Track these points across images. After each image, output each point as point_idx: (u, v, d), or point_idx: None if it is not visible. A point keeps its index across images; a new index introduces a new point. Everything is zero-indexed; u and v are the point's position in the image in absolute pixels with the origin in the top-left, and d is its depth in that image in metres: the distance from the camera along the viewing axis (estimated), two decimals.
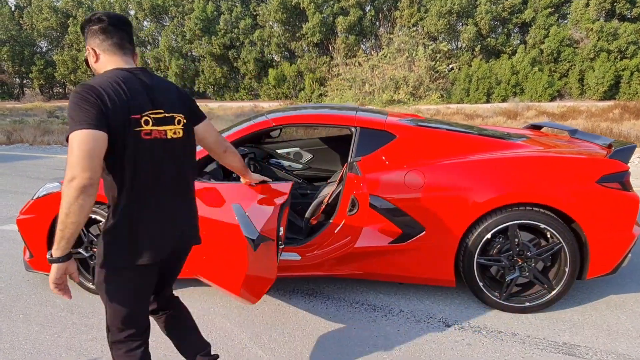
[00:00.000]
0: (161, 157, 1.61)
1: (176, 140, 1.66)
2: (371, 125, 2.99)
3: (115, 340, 1.70)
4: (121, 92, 1.52)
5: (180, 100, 1.73)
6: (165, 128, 1.62)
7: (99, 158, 1.42)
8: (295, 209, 3.65)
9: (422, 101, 25.48)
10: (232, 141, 3.01)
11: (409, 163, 2.81)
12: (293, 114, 3.11)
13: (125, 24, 1.69)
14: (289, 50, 32.64)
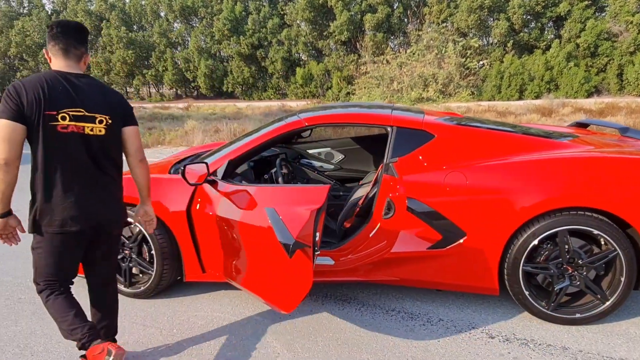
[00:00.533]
0: (76, 149, 1.96)
1: (95, 137, 2.01)
2: (408, 124, 2.85)
3: (39, 291, 2.10)
4: (40, 91, 1.87)
5: (110, 104, 2.05)
6: (83, 124, 1.96)
7: (15, 143, 1.83)
8: (328, 211, 3.55)
9: (452, 99, 24.98)
10: (263, 142, 2.92)
11: (449, 164, 2.67)
12: (326, 114, 3.01)
13: (75, 31, 2.01)
14: (316, 49, 32.58)
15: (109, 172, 2.12)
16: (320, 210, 2.13)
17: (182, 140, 10.45)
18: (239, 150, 2.92)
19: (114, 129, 2.06)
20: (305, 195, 2.26)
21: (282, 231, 1.95)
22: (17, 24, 38.54)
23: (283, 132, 2.95)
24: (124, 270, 3.04)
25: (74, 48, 2.00)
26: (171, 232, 2.88)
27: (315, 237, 2.05)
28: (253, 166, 3.24)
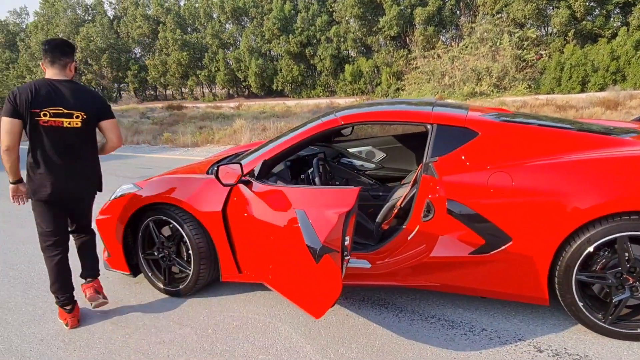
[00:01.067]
0: (56, 137, 2.53)
1: (72, 129, 2.58)
2: (450, 121, 2.70)
3: (42, 248, 2.72)
4: (29, 94, 2.46)
5: (86, 103, 2.62)
6: (62, 119, 2.53)
7: (15, 134, 2.44)
8: (367, 211, 3.44)
9: (507, 92, 23.97)
10: (298, 142, 2.87)
11: (494, 163, 2.49)
12: (363, 112, 2.90)
13: (59, 46, 2.61)
14: (365, 45, 32.31)
15: (84, 155, 2.69)
16: (350, 213, 2.04)
17: (230, 139, 10.65)
18: (274, 150, 2.88)
19: (89, 122, 2.65)
20: (335, 198, 2.18)
21: (310, 235, 1.88)
22: (82, 30, 40.90)
23: (319, 131, 2.87)
24: (164, 269, 3.09)
25: (58, 59, 2.59)
26: (208, 232, 2.89)
27: (345, 241, 1.96)
28: (290, 166, 3.20)
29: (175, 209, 2.93)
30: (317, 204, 2.17)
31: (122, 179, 6.95)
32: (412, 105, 3.08)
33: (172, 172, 3.39)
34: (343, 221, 1.94)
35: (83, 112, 2.60)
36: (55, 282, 2.70)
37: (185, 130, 12.60)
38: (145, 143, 11.54)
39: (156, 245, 3.08)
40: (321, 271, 1.93)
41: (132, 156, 9.56)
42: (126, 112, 26.01)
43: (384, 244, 2.77)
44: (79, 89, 2.65)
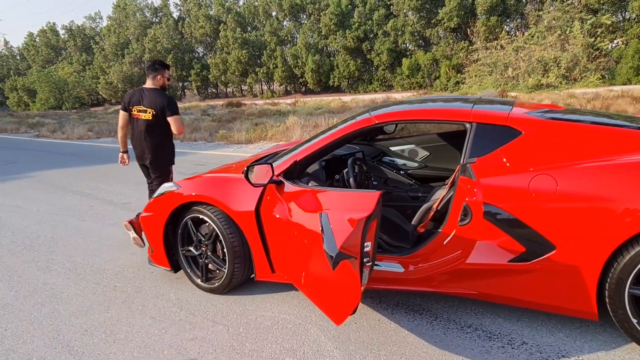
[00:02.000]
0: (137, 124, 3.93)
1: (146, 120, 3.88)
2: (490, 120, 2.53)
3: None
4: (129, 96, 3.96)
5: (157, 103, 3.85)
6: (141, 114, 3.88)
7: (123, 120, 4.02)
8: (405, 212, 3.33)
9: (578, 84, 22.47)
10: (331, 142, 2.82)
11: (537, 165, 2.31)
12: (398, 110, 2.80)
13: (152, 65, 3.99)
14: (423, 38, 31.53)
15: (155, 137, 3.94)
16: (370, 218, 1.96)
17: (282, 135, 10.77)
18: (306, 151, 2.84)
19: (157, 116, 3.87)
20: (356, 202, 2.11)
21: (329, 239, 1.83)
22: (149, 32, 43.03)
23: (352, 130, 2.81)
24: (201, 266, 3.16)
25: (149, 74, 3.97)
26: (242, 232, 2.91)
27: (365, 247, 1.89)
28: (325, 166, 3.15)
29: (211, 207, 2.98)
30: (338, 208, 2.11)
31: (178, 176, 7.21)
32: (449, 102, 2.94)
33: (211, 172, 3.46)
34: (362, 227, 1.87)
35: (153, 109, 3.85)
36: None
37: (241, 127, 12.90)
38: (202, 140, 11.94)
39: (194, 243, 3.16)
40: (340, 277, 1.88)
41: (188, 153, 9.92)
42: (188, 110, 27.05)
43: (419, 247, 2.67)
44: (156, 93, 3.90)
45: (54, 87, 43.14)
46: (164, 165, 4.07)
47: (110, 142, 13.21)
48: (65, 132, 15.55)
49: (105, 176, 7.81)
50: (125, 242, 4.32)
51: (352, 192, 2.19)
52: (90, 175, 7.97)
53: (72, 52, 51.74)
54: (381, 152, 4.03)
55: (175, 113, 3.88)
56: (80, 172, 8.42)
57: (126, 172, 7.95)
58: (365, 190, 2.15)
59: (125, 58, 44.44)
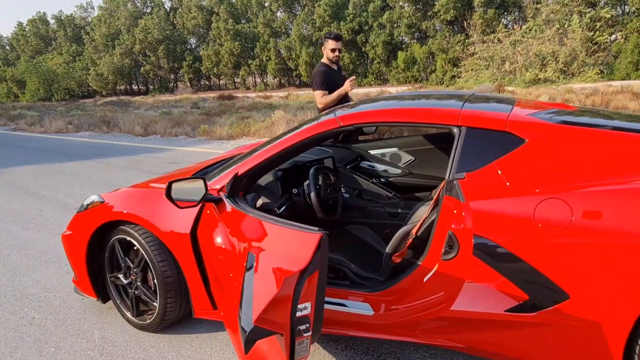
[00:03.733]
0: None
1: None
2: (484, 123, 1.97)
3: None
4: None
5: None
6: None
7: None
8: (382, 232, 2.78)
9: (576, 79, 21.94)
10: (287, 148, 2.25)
11: (546, 185, 1.75)
12: (368, 110, 2.22)
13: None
14: (419, 30, 30.87)
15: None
16: (307, 271, 1.40)
17: (267, 131, 10.18)
18: (254, 160, 2.27)
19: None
20: (293, 243, 1.55)
21: (246, 303, 1.28)
22: (140, 22, 42.13)
23: (312, 134, 2.23)
24: (131, 297, 2.60)
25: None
26: (176, 259, 2.35)
27: (300, 311, 1.33)
28: (282, 176, 2.58)
29: (139, 228, 2.41)
30: (272, 247, 1.56)
31: (146, 175, 6.64)
32: (436, 99, 2.37)
33: (154, 180, 2.89)
34: (294, 286, 1.31)
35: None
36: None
37: (227, 121, 12.30)
38: (183, 135, 11.33)
39: (122, 270, 2.59)
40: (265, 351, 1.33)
41: (164, 149, 9.32)
42: (179, 103, 26.42)
43: (393, 283, 2.12)
44: (316, 67, 4.27)
45: (43, 78, 42.21)
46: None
47: (88, 136, 12.57)
48: (44, 125, 14.88)
49: (70, 175, 7.20)
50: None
51: (290, 229, 1.62)
52: (55, 174, 7.37)
53: (62, 43, 50.68)
54: (358, 156, 3.46)
55: (315, 88, 4.11)
56: (46, 169, 7.80)
57: (95, 170, 7.36)
58: (306, 229, 1.58)
59: (115, 49, 43.52)
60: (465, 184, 1.87)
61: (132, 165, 7.65)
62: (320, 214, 2.46)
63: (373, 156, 3.49)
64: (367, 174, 3.39)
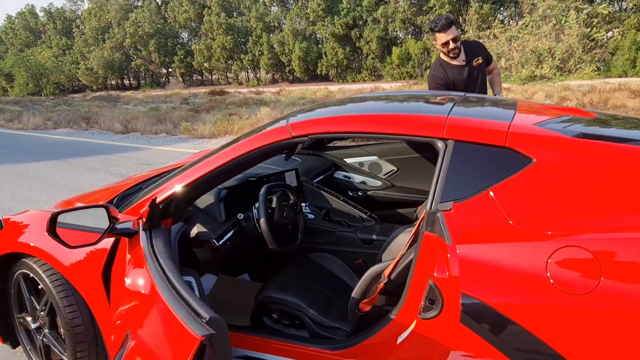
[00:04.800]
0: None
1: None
2: (478, 135, 1.48)
3: None
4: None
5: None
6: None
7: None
8: (353, 262, 2.30)
9: (572, 76, 21.56)
10: (228, 161, 1.75)
11: (562, 225, 1.27)
12: (327, 117, 1.73)
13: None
14: (414, 25, 30.39)
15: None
16: None
17: (251, 129, 9.66)
18: (183, 179, 1.77)
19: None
20: (168, 341, 1.06)
21: None
22: (131, 15, 41.35)
23: (259, 146, 1.74)
24: (39, 346, 2.10)
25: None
26: (86, 303, 1.86)
27: None
28: (226, 196, 2.08)
29: (42, 263, 1.92)
30: (147, 332, 1.07)
31: (113, 177, 6.13)
32: (417, 101, 1.88)
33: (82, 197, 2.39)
34: None
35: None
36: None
37: (212, 118, 11.77)
38: (164, 133, 10.79)
39: (29, 311, 2.09)
40: None
41: (140, 148, 8.79)
42: (169, 98, 25.83)
43: (359, 340, 1.64)
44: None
45: (32, 72, 41.37)
46: None
47: (66, 133, 12.00)
48: (22, 121, 14.27)
49: (32, 178, 6.66)
50: None
51: (174, 313, 1.12)
52: (15, 176, 6.83)
53: (52, 36, 49.77)
54: (332, 165, 2.97)
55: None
56: (5, 171, 7.25)
57: (60, 171, 6.83)
58: (192, 320, 1.08)
59: (106, 43, 42.73)
60: (452, 218, 1.39)
61: (102, 166, 7.12)
62: (273, 244, 1.97)
63: (349, 165, 3.00)
64: (341, 186, 2.91)
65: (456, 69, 3.32)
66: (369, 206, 2.79)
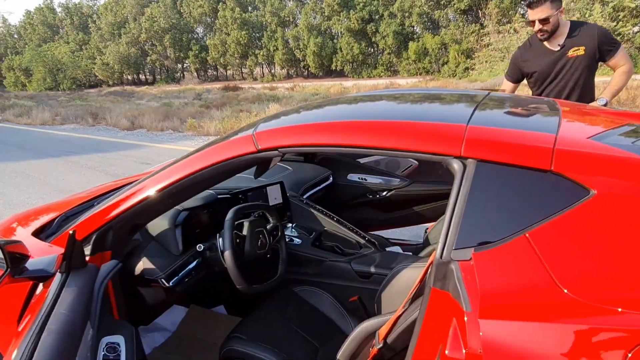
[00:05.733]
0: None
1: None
2: (510, 154, 1.04)
3: None
4: None
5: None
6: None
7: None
8: (346, 299, 1.88)
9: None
10: (187, 177, 1.35)
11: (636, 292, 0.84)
12: (304, 124, 1.30)
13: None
14: (431, 20, 29.64)
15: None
16: None
17: None
18: (107, 210, 1.37)
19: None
20: None
21: None
22: (147, 10, 41.35)
23: (219, 160, 1.33)
24: None
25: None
26: None
27: None
28: (185, 221, 1.67)
29: None
30: None
31: (109, 178, 5.80)
32: (423, 102, 1.44)
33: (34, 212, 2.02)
34: None
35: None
36: None
37: (222, 114, 11.43)
38: (170, 130, 10.48)
39: None
40: None
41: (143, 146, 8.47)
42: (183, 94, 25.70)
43: None
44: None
45: (49, 67, 41.74)
46: None
47: (71, 129, 11.78)
48: (31, 116, 14.14)
49: (25, 177, 6.38)
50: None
51: None
52: (8, 175, 6.56)
53: (69, 31, 50.15)
54: (329, 175, 2.55)
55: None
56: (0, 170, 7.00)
57: (56, 171, 6.54)
58: None
59: (122, 38, 42.83)
60: (473, 272, 0.96)
61: (100, 165, 6.81)
62: (242, 284, 1.56)
63: (364, 166, 2.61)
64: (357, 190, 2.54)
65: (544, 54, 2.76)
66: (388, 207, 2.56)
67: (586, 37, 2.69)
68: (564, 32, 2.70)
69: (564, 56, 2.72)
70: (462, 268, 0.98)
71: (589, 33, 2.70)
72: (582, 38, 2.69)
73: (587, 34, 2.70)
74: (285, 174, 2.34)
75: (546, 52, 2.76)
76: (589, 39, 2.68)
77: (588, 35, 2.70)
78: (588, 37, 2.69)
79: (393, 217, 2.72)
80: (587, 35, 2.69)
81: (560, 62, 2.74)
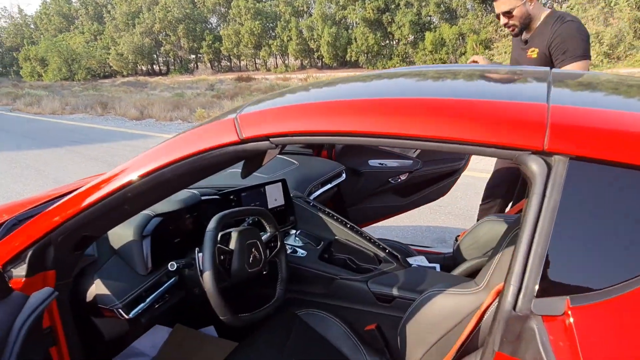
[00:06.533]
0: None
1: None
2: (625, 152, 0.67)
3: None
4: None
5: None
6: None
7: None
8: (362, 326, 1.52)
9: (622, 63, 20.00)
10: (148, 174, 1.01)
11: None
12: (304, 103, 0.94)
13: None
14: (449, 9, 28.88)
15: None
16: None
17: None
18: (47, 216, 1.04)
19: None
20: None
21: None
22: (160, 0, 41.16)
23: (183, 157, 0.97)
24: None
25: None
26: None
27: None
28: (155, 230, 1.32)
29: None
30: None
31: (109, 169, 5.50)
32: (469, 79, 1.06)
33: None
34: None
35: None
36: None
37: (232, 105, 11.12)
38: (179, 119, 10.19)
39: None
40: None
41: (149, 136, 8.19)
42: (195, 84, 25.52)
43: None
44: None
45: (64, 58, 41.90)
46: None
47: (80, 119, 11.57)
48: (41, 106, 14.00)
49: (25, 167, 6.12)
50: None
51: None
52: (9, 165, 6.32)
53: (84, 22, 50.29)
54: (342, 171, 2.18)
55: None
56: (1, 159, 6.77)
57: (58, 161, 6.27)
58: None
59: (136, 28, 42.75)
60: (573, 336, 0.59)
61: (103, 156, 6.54)
62: (226, 314, 1.20)
63: (379, 149, 2.30)
64: (378, 176, 2.25)
65: (516, 48, 2.42)
66: (406, 191, 2.51)
67: (541, 39, 2.21)
68: (533, 27, 2.25)
69: (525, 55, 2.31)
70: (550, 328, 0.62)
71: (546, 34, 2.18)
72: (539, 39, 2.23)
73: (544, 35, 2.19)
74: (288, 170, 1.98)
75: (517, 47, 2.41)
76: (544, 42, 2.20)
77: (545, 36, 2.19)
78: (543, 40, 2.20)
79: (410, 201, 2.57)
80: (544, 37, 2.20)
81: (523, 60, 2.33)
